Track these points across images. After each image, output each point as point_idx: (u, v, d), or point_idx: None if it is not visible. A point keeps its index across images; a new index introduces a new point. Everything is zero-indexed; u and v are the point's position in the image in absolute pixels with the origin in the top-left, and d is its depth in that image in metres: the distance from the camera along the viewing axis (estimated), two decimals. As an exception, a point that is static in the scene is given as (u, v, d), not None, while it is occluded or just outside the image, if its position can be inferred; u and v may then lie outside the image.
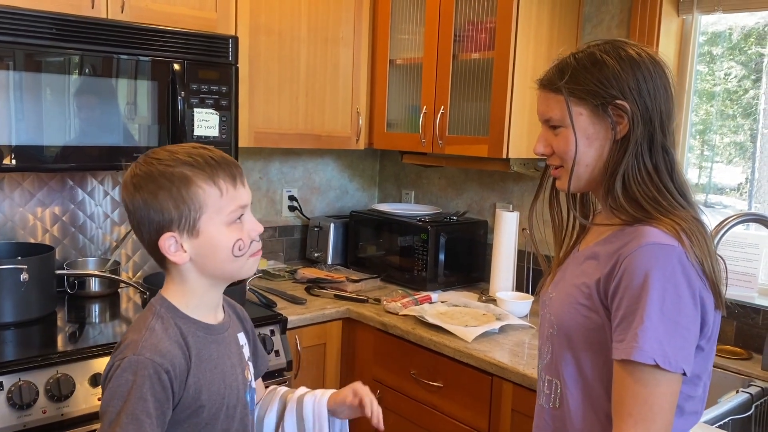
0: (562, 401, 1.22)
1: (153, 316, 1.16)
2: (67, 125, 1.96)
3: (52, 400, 1.72)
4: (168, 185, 1.10)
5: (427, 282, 2.59)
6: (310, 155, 3.08)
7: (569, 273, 1.26)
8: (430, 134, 2.52)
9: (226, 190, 1.13)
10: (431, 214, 2.77)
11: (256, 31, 2.41)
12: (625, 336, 1.08)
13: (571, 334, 1.18)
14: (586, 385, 1.18)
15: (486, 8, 2.37)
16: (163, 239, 1.12)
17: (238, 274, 1.19)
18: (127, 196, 1.14)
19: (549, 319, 1.25)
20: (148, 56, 2.07)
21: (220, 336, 1.22)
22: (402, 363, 2.23)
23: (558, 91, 1.17)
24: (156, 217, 1.11)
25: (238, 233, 1.15)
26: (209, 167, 1.12)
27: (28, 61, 1.87)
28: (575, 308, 1.18)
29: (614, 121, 1.14)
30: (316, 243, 2.99)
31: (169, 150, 1.14)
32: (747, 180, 2.23)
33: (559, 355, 1.21)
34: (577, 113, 1.16)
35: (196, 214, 1.11)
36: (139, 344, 1.10)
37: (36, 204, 2.33)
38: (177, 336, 1.14)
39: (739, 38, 2.23)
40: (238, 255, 1.15)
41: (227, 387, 1.19)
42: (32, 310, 2.01)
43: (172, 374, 1.10)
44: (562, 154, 1.19)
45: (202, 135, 2.20)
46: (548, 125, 1.21)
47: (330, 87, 2.67)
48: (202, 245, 1.13)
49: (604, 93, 1.14)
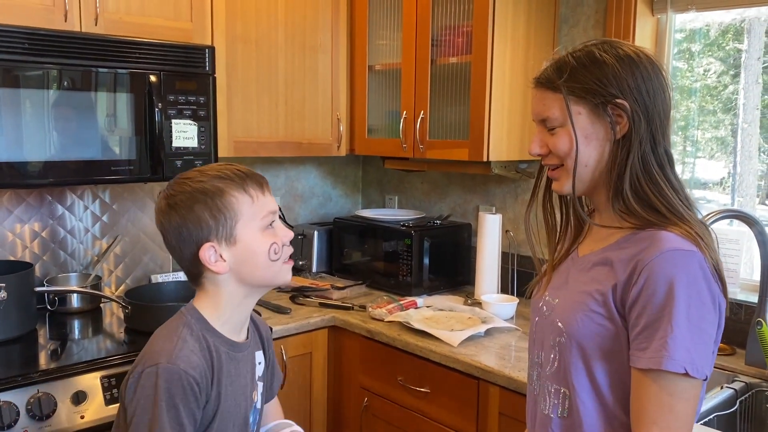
0: (572, 410, 1.18)
1: (183, 326, 1.19)
2: (47, 140, 1.94)
3: (34, 420, 1.69)
4: (203, 198, 1.16)
5: (413, 287, 2.58)
6: (292, 163, 3.07)
7: (573, 278, 1.23)
8: (411, 139, 2.52)
9: (256, 197, 1.19)
10: (415, 219, 2.77)
11: (233, 40, 2.40)
12: (649, 344, 1.06)
13: (584, 342, 1.15)
14: (599, 393, 1.15)
15: (462, 12, 2.37)
16: (203, 250, 1.16)
17: (275, 280, 1.23)
18: (164, 217, 1.19)
19: (556, 327, 1.20)
20: (125, 69, 2.05)
21: (241, 354, 1.24)
22: (389, 370, 2.22)
23: (556, 90, 1.15)
24: (194, 230, 1.16)
25: (272, 237, 1.20)
26: (239, 178, 1.19)
27: (5, 77, 1.85)
28: (588, 316, 1.15)
29: (614, 121, 1.13)
30: (300, 251, 2.98)
31: (198, 170, 1.21)
32: (729, 174, 2.25)
33: (569, 363, 1.17)
34: (576, 112, 1.14)
35: (232, 222, 1.17)
36: (173, 354, 1.13)
37: (14, 220, 2.30)
38: (204, 349, 1.18)
39: (716, 34, 2.25)
40: (274, 259, 1.20)
41: (237, 405, 1.22)
42: (12, 328, 1.98)
43: (201, 386, 1.14)
44: (561, 153, 1.17)
45: (181, 146, 2.18)
46: (544, 125, 1.19)
47: (309, 94, 2.66)
48: (241, 252, 1.18)
49: (604, 92, 1.12)
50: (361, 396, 2.33)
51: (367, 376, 2.32)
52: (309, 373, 2.40)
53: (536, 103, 1.20)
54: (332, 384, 2.46)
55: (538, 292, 1.33)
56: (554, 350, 1.21)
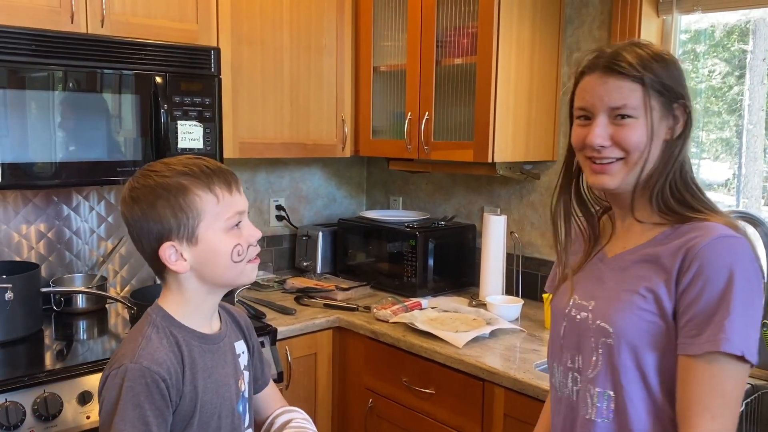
0: (620, 411, 1.17)
1: (148, 325, 1.17)
2: (53, 141, 1.94)
3: (40, 420, 1.70)
4: (165, 195, 1.12)
5: (417, 288, 2.58)
6: (297, 164, 3.07)
7: (610, 279, 1.22)
8: (416, 140, 2.52)
9: (222, 197, 1.15)
10: (419, 220, 2.77)
11: (238, 42, 2.40)
12: (704, 329, 1.07)
13: (634, 340, 1.14)
14: (649, 391, 1.15)
15: (467, 13, 2.37)
16: (163, 249, 1.14)
17: (238, 280, 1.21)
18: (126, 210, 1.16)
19: (599, 329, 1.18)
20: (130, 70, 2.06)
21: (215, 346, 1.23)
22: (393, 371, 2.22)
23: (637, 80, 1.13)
24: (155, 227, 1.13)
25: (236, 239, 1.17)
26: (205, 175, 1.15)
27: (11, 78, 1.85)
28: (636, 314, 1.14)
29: (675, 121, 1.16)
30: (304, 252, 2.98)
31: (165, 162, 1.17)
32: (734, 175, 2.24)
33: (617, 364, 1.16)
34: (651, 106, 1.14)
35: (194, 222, 1.13)
36: (136, 353, 1.12)
37: (21, 221, 2.31)
38: (172, 345, 1.16)
39: (721, 35, 2.25)
40: (237, 260, 1.17)
41: (220, 397, 1.20)
42: (18, 329, 1.99)
43: (168, 382, 1.12)
44: (630, 146, 1.14)
45: (187, 147, 2.19)
46: (613, 114, 1.15)
47: (314, 95, 2.67)
48: (202, 252, 1.15)
49: (673, 91, 1.14)
50: (365, 397, 2.33)
51: (371, 377, 2.32)
52: (314, 373, 2.40)
53: (609, 90, 1.14)
54: (337, 385, 2.46)
55: (561, 297, 1.30)
56: (597, 353, 1.19)
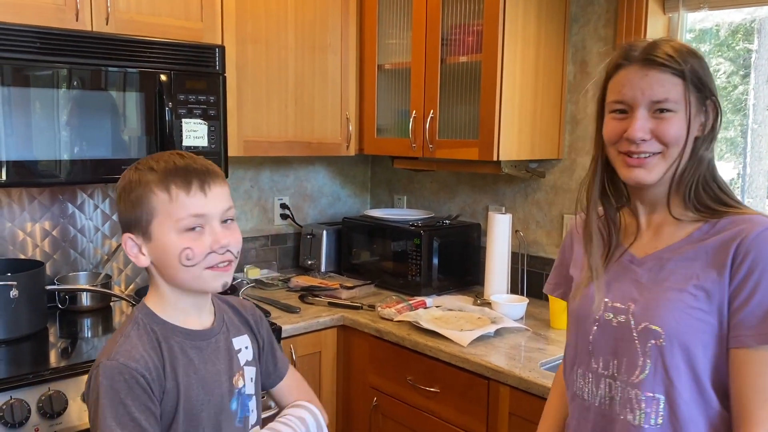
0: (671, 414, 1.14)
1: (131, 323, 1.18)
2: (57, 139, 1.94)
3: (45, 418, 1.70)
4: (129, 188, 1.15)
5: (422, 287, 2.58)
6: (301, 163, 3.07)
7: (649, 279, 1.19)
8: (421, 139, 2.51)
9: (176, 196, 1.12)
10: (424, 219, 2.76)
11: (243, 40, 2.40)
12: (764, 320, 1.07)
13: (688, 341, 1.12)
14: (702, 389, 1.14)
15: (473, 11, 2.36)
16: (123, 240, 1.17)
17: (195, 284, 1.16)
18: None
19: (648, 331, 1.16)
20: (135, 68, 2.06)
21: (204, 342, 1.21)
22: (398, 369, 2.22)
23: (678, 74, 1.13)
24: (121, 218, 1.18)
25: (188, 242, 1.12)
26: (166, 173, 1.13)
27: (15, 76, 1.86)
28: (688, 313, 1.13)
29: (706, 118, 1.16)
30: (309, 251, 2.98)
31: (153, 156, 1.18)
32: (739, 175, 2.23)
33: (669, 366, 1.14)
34: (690, 101, 1.14)
35: (147, 218, 1.13)
36: (113, 351, 1.12)
37: (25, 219, 2.31)
38: (152, 341, 1.15)
39: (726, 34, 2.24)
40: (186, 264, 1.13)
41: (208, 393, 1.18)
42: (23, 326, 1.99)
43: (148, 378, 1.11)
44: (670, 140, 1.14)
45: (191, 145, 2.19)
46: (653, 108, 1.14)
47: (319, 94, 2.67)
48: (156, 250, 1.15)
49: (707, 87, 1.15)
50: (370, 395, 2.33)
51: (376, 376, 2.32)
52: (318, 372, 2.40)
53: (651, 83, 1.13)
54: (341, 383, 2.46)
55: (585, 300, 1.27)
56: (644, 356, 1.16)
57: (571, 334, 1.32)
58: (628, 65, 1.17)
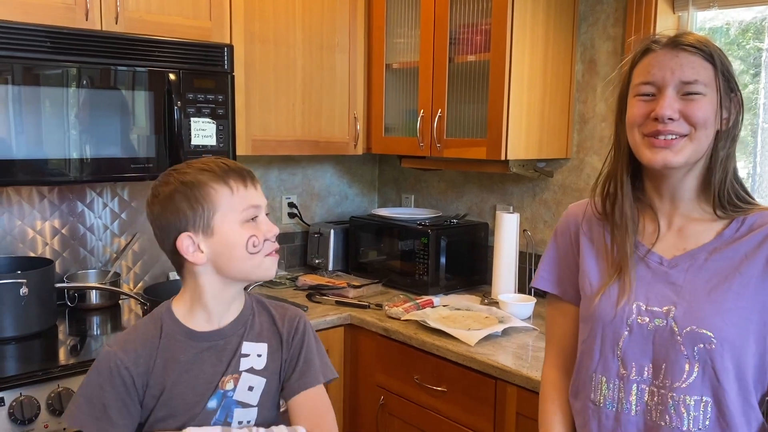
0: (719, 417, 1.14)
1: (149, 317, 1.26)
2: (67, 138, 1.96)
3: (54, 415, 1.71)
4: (183, 188, 1.18)
5: (429, 286, 2.58)
6: (309, 162, 3.07)
7: (687, 281, 1.17)
8: (428, 138, 2.51)
9: (236, 189, 1.20)
10: (431, 218, 2.76)
11: (251, 39, 2.40)
12: None
13: (737, 343, 1.12)
14: (745, 390, 1.14)
15: (481, 10, 2.36)
16: (180, 240, 1.18)
17: (255, 273, 1.23)
18: (149, 208, 1.23)
19: (694, 335, 1.13)
20: (144, 67, 2.07)
21: (207, 344, 1.24)
22: (405, 368, 2.22)
23: (709, 60, 1.14)
24: (173, 219, 1.19)
25: (251, 230, 1.20)
26: (220, 170, 1.20)
27: (26, 75, 1.87)
28: (737, 314, 1.12)
29: (730, 110, 1.16)
30: (316, 249, 2.99)
31: (187, 163, 1.24)
32: (749, 175, 2.22)
33: (719, 369, 1.12)
34: (720, 87, 1.14)
35: (209, 213, 1.18)
36: (116, 338, 1.23)
37: (35, 217, 2.32)
38: (154, 338, 1.22)
39: (736, 33, 2.22)
40: (252, 252, 1.20)
41: (196, 395, 1.21)
42: (33, 324, 2.01)
43: (133, 371, 1.19)
44: (699, 121, 1.13)
45: (200, 144, 2.20)
46: (684, 90, 1.14)
47: (327, 93, 2.67)
48: (218, 244, 1.19)
49: (733, 80, 1.16)
50: (377, 394, 2.33)
51: (383, 375, 2.32)
52: (325, 371, 2.40)
53: (682, 64, 1.13)
54: (348, 382, 2.46)
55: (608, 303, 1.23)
56: (691, 360, 1.14)
57: (592, 340, 1.25)
58: (657, 49, 1.17)
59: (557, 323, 1.40)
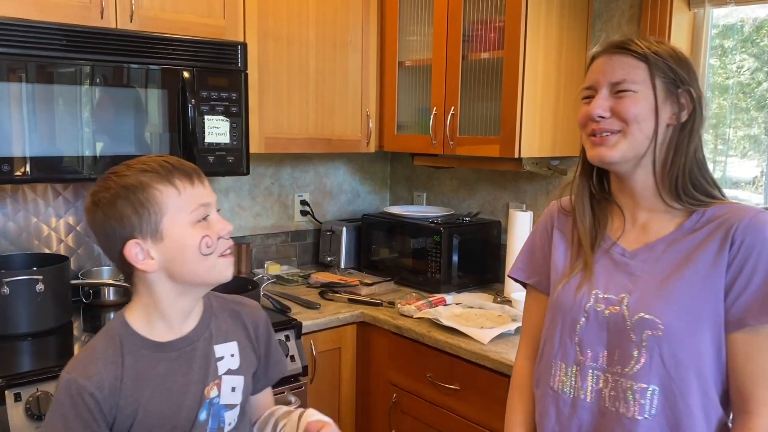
0: (667, 405, 1.16)
1: (103, 334, 1.16)
2: (80, 135, 1.97)
3: (70, 410, 1.72)
4: (125, 193, 1.10)
5: (441, 284, 2.58)
6: (321, 159, 3.08)
7: (644, 270, 1.21)
8: (441, 135, 2.51)
9: (183, 189, 1.12)
10: (444, 216, 2.76)
11: (265, 37, 2.41)
12: (763, 301, 1.11)
13: (686, 331, 1.15)
14: (701, 379, 1.15)
15: (494, 7, 2.35)
16: (128, 248, 1.10)
17: (210, 275, 1.16)
18: (89, 217, 1.14)
19: (644, 321, 1.17)
20: (158, 65, 2.08)
21: (175, 353, 1.18)
22: (418, 366, 2.22)
23: (641, 58, 1.18)
24: (118, 226, 1.10)
25: (204, 230, 1.13)
26: (164, 170, 1.12)
27: (40, 73, 1.88)
28: (687, 303, 1.16)
29: (681, 105, 1.19)
30: (328, 247, 2.99)
31: (125, 164, 1.14)
32: (762, 173, 2.20)
33: (665, 357, 1.15)
34: (655, 85, 1.18)
35: (157, 217, 1.10)
36: (73, 364, 1.13)
37: (50, 214, 2.34)
38: (116, 356, 1.13)
39: (750, 30, 2.21)
40: (206, 253, 1.13)
41: (172, 406, 1.15)
42: (48, 320, 2.02)
43: (98, 396, 1.09)
44: (629, 116, 1.18)
45: (213, 142, 2.20)
46: (615, 89, 1.19)
47: (339, 91, 2.67)
48: (169, 248, 1.11)
49: (679, 76, 1.19)
50: (389, 392, 2.33)
51: (395, 372, 2.32)
52: (338, 368, 2.41)
53: (613, 66, 1.20)
54: (361, 379, 2.47)
55: (568, 291, 1.28)
56: (640, 347, 1.17)
57: (553, 327, 1.30)
58: (599, 56, 1.23)
59: (531, 313, 1.45)
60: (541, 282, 1.41)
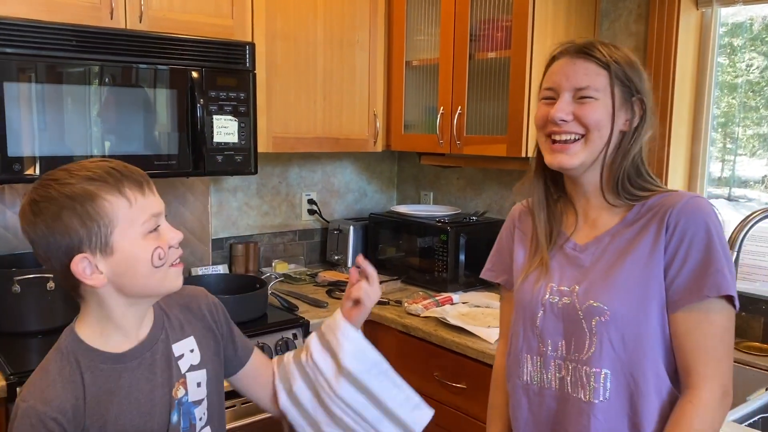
0: (618, 390, 1.21)
1: (53, 353, 1.10)
2: (89, 135, 1.98)
3: (80, 408, 1.73)
4: (71, 204, 1.02)
5: (448, 283, 2.58)
6: (329, 159, 3.09)
7: (592, 262, 1.27)
8: (448, 135, 2.51)
9: (134, 199, 1.06)
10: (450, 215, 2.77)
11: (273, 37, 2.42)
12: (703, 280, 1.15)
13: (631, 315, 1.20)
14: (650, 359, 1.19)
15: (502, 7, 2.36)
16: (74, 263, 1.03)
17: (161, 287, 1.11)
18: (28, 225, 1.05)
19: (592, 309, 1.22)
20: (167, 65, 2.09)
21: (135, 362, 1.13)
22: (425, 365, 2.22)
23: (604, 66, 1.21)
24: (63, 240, 1.02)
25: (155, 242, 1.08)
26: (112, 178, 1.04)
27: (49, 73, 1.90)
28: (628, 288, 1.20)
29: (635, 112, 1.23)
30: (336, 246, 3.00)
31: (66, 169, 1.06)
32: (771, 172, 2.20)
33: (614, 341, 1.20)
34: (614, 93, 1.22)
35: (107, 230, 1.03)
36: (28, 390, 1.06)
37: (60, 213, 2.35)
38: (74, 375, 1.07)
39: (760, 29, 2.20)
40: (158, 265, 1.07)
41: (143, 415, 1.12)
42: (58, 318, 2.03)
43: (61, 420, 1.03)
44: (591, 123, 1.21)
45: (222, 141, 2.22)
46: (577, 95, 1.22)
47: (347, 90, 2.68)
48: (119, 262, 1.05)
49: (633, 85, 1.23)
50: (396, 390, 2.34)
51: (402, 371, 2.30)
52: (345, 367, 2.41)
53: (577, 71, 1.22)
54: (368, 378, 2.47)
55: (527, 287, 1.33)
56: (591, 333, 1.22)
57: (517, 322, 1.36)
58: (561, 57, 1.26)
59: (505, 311, 1.50)
60: (509, 281, 1.46)
